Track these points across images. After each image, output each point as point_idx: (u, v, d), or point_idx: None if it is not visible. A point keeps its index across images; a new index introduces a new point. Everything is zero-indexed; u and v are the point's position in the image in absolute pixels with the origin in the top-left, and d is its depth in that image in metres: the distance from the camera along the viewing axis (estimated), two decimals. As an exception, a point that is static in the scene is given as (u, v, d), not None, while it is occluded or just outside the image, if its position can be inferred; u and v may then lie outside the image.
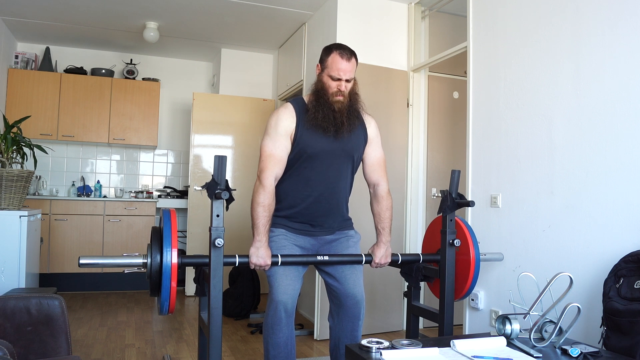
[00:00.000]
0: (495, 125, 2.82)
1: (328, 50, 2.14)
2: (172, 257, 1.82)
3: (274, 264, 2.04)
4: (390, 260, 2.26)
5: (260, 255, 2.02)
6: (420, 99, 3.86)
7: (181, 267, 1.90)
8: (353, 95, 2.16)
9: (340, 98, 2.10)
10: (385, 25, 3.81)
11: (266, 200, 2.04)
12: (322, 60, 2.15)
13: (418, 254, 2.39)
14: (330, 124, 2.08)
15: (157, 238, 1.88)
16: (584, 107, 2.27)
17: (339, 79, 2.08)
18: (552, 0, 2.46)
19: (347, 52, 2.10)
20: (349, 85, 2.12)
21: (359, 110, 2.20)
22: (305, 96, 2.23)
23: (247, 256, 2.04)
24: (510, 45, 2.74)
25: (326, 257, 2.10)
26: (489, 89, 2.88)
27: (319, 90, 2.12)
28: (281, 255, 2.05)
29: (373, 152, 2.26)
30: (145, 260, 1.86)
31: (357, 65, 2.14)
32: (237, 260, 2.01)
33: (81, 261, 1.81)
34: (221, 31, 4.76)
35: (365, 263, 2.21)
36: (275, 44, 5.11)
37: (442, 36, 3.90)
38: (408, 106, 3.80)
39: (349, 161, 2.19)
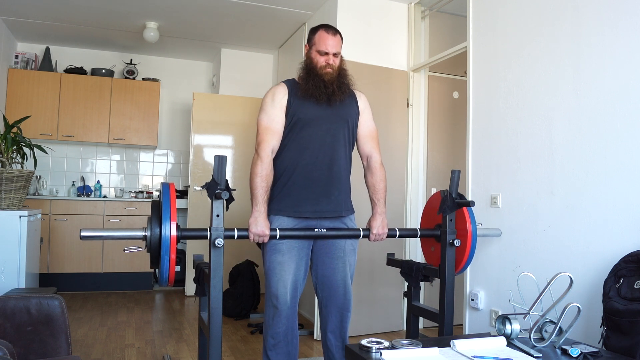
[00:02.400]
0: (495, 125, 2.82)
1: (314, 29, 2.26)
2: (171, 230, 1.83)
3: (272, 237, 2.06)
4: (387, 231, 2.26)
5: (259, 225, 2.03)
6: (420, 99, 3.86)
7: (180, 240, 1.90)
8: (341, 70, 2.23)
9: (330, 70, 2.18)
10: (385, 25, 3.81)
11: (264, 171, 2.07)
12: (310, 40, 2.26)
13: (416, 229, 2.40)
14: (322, 93, 2.15)
15: (157, 211, 1.88)
16: (584, 107, 2.27)
17: (327, 53, 2.18)
18: (552, 0, 2.46)
19: (333, 29, 2.22)
20: (337, 60, 2.21)
21: (348, 84, 2.26)
22: (296, 77, 2.29)
23: (246, 229, 2.04)
24: (510, 45, 2.74)
25: (324, 230, 2.11)
26: (489, 89, 2.88)
27: (309, 65, 2.21)
28: (279, 229, 2.06)
29: (365, 124, 2.30)
30: (145, 233, 1.86)
31: (342, 42, 2.25)
32: (235, 233, 2.00)
33: (82, 234, 1.81)
34: (221, 31, 4.76)
35: (363, 237, 2.23)
36: (275, 44, 5.11)
37: (442, 36, 3.90)
38: (408, 106, 3.80)
39: (344, 126, 2.22)
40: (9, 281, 3.09)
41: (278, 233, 2.05)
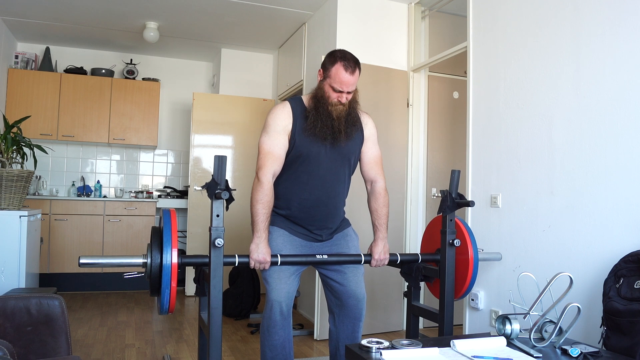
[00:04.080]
0: (495, 125, 2.82)
1: (332, 58, 2.08)
2: (172, 257, 1.82)
3: (274, 263, 2.04)
4: (388, 257, 2.26)
5: (260, 252, 2.02)
6: (420, 99, 3.86)
7: (181, 267, 1.90)
8: (353, 103, 2.16)
9: (341, 106, 2.11)
10: (385, 25, 3.81)
11: (265, 198, 2.04)
12: (326, 68, 2.10)
13: (417, 254, 2.39)
14: (328, 133, 2.08)
15: (157, 238, 1.88)
16: (584, 107, 2.27)
17: (341, 91, 2.07)
18: (552, 0, 2.46)
19: (352, 64, 2.06)
20: (350, 95, 2.12)
21: (357, 116, 2.20)
22: (305, 96, 2.22)
23: (247, 256, 2.03)
24: (510, 45, 2.74)
25: (325, 257, 2.11)
26: (489, 89, 2.88)
27: (319, 98, 2.10)
28: (280, 255, 2.06)
29: (370, 150, 2.26)
30: (145, 260, 1.86)
31: (360, 74, 2.11)
32: (236, 260, 2.01)
33: (81, 261, 1.82)
34: (221, 31, 4.76)
35: (364, 263, 2.21)
36: (275, 44, 5.11)
37: (442, 36, 3.90)
38: (408, 106, 3.80)
39: (346, 165, 2.20)
40: (9, 281, 3.09)
41: (279, 259, 2.04)
